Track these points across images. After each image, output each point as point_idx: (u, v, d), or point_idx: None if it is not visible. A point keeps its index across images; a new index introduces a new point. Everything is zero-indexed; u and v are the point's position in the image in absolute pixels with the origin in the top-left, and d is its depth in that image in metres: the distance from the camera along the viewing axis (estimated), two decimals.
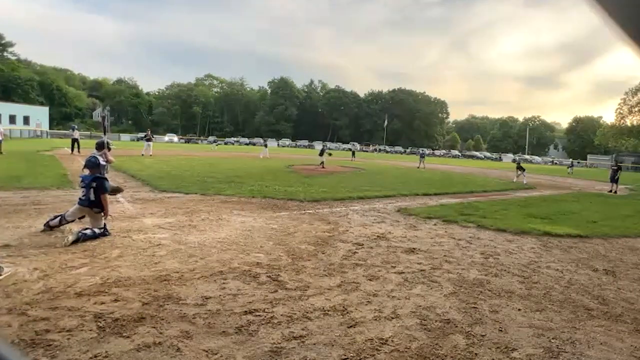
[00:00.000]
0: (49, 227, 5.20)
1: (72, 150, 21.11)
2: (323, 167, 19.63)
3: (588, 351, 2.85)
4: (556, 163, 49.40)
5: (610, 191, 16.41)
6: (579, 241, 6.56)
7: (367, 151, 63.87)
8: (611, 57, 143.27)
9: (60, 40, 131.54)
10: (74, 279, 3.57)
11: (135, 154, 22.39)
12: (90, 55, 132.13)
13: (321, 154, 21.08)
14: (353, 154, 33.56)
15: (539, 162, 61.59)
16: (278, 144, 66.70)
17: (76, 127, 24.67)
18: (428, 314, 3.31)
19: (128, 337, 2.63)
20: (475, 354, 2.70)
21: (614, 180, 16.60)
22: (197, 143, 61.57)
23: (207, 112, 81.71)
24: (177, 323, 2.87)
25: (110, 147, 6.87)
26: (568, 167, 34.15)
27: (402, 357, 2.61)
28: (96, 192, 5.17)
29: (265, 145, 31.83)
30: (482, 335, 2.97)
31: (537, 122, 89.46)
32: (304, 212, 7.69)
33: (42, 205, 6.89)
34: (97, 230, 5.01)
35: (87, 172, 5.45)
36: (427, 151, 49.83)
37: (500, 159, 66.20)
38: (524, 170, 18.41)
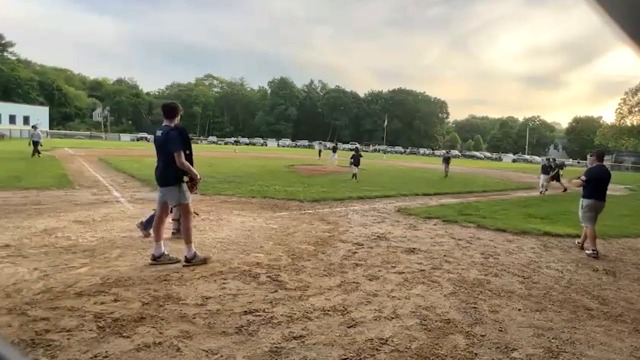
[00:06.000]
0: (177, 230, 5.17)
1: (34, 153, 16.79)
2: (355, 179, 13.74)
3: (588, 351, 2.85)
4: None
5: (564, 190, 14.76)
6: None
7: (367, 151, 63.79)
8: (611, 57, 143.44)
9: (61, 40, 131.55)
10: (74, 279, 3.57)
11: (135, 154, 22.39)
12: (90, 55, 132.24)
13: (356, 162, 13.94)
14: (320, 152, 29.49)
15: (539, 162, 61.56)
16: (278, 144, 66.69)
17: (38, 125, 19.24)
18: (428, 314, 3.31)
19: (128, 337, 2.63)
20: (475, 354, 2.70)
21: (556, 178, 15.10)
22: (197, 143, 61.56)
23: (207, 112, 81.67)
24: (177, 323, 2.87)
25: None
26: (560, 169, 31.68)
27: (402, 357, 2.61)
28: None
29: (334, 150, 24.54)
30: (482, 335, 2.97)
31: (537, 122, 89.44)
32: (304, 212, 7.69)
33: (42, 205, 6.89)
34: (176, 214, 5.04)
35: None
36: (453, 152, 45.19)
37: (500, 159, 66.15)
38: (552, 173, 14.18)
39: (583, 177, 5.95)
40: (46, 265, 3.89)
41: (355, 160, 13.68)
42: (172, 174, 4.09)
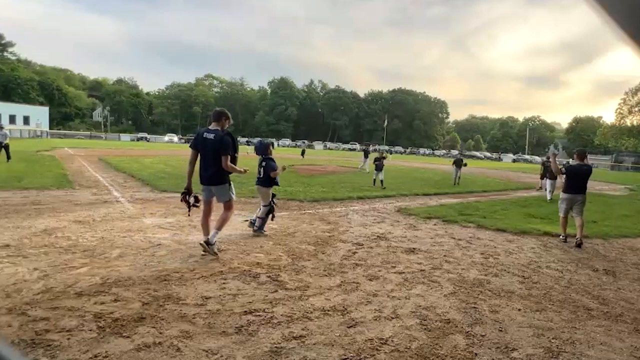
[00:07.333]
0: (259, 229, 5.71)
1: (8, 158, 14.71)
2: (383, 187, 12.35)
3: (588, 351, 2.85)
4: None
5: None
6: None
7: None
8: (611, 57, 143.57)
9: (60, 40, 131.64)
10: (74, 279, 3.57)
11: (135, 154, 22.38)
12: (90, 55, 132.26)
13: (378, 167, 12.75)
14: (302, 152, 29.60)
15: (539, 163, 61.55)
16: (278, 144, 66.75)
17: (4, 126, 17.21)
18: (428, 314, 3.31)
19: (128, 337, 2.63)
20: (475, 354, 2.70)
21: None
22: None
23: (207, 112, 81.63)
24: (177, 323, 2.87)
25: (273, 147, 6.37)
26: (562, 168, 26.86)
27: (402, 357, 2.61)
28: (265, 171, 5.67)
29: (366, 154, 19.72)
30: (482, 335, 2.97)
31: (537, 122, 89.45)
32: (304, 212, 7.69)
33: (42, 205, 6.88)
34: (263, 212, 5.65)
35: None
36: (454, 152, 42.35)
37: (500, 159, 66.16)
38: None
39: (563, 170, 6.71)
40: (46, 265, 3.89)
41: (379, 166, 12.94)
42: (223, 173, 4.56)
